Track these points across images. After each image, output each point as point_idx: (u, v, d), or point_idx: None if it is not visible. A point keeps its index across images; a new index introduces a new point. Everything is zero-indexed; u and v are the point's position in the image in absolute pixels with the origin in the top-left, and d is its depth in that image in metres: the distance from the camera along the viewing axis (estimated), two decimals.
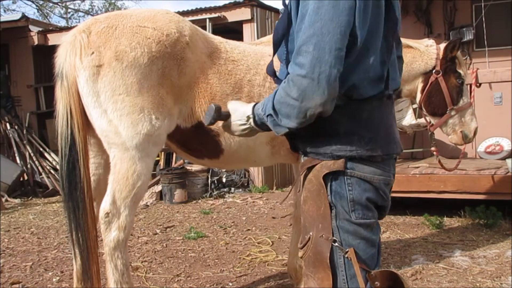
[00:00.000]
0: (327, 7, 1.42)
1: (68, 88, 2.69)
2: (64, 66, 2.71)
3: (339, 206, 1.59)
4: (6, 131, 9.51)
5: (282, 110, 1.52)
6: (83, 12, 22.89)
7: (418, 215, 5.67)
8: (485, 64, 6.64)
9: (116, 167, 2.74)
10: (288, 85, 1.48)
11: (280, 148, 3.33)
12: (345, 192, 1.58)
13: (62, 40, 2.81)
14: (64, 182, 2.73)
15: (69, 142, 2.69)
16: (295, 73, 1.45)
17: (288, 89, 1.48)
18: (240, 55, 3.07)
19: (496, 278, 3.71)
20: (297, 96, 1.45)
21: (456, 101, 3.61)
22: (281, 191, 8.42)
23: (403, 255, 4.36)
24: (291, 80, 1.47)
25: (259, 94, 3.07)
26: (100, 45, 2.67)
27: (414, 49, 3.62)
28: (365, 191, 1.59)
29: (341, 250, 1.56)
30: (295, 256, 3.44)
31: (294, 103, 1.47)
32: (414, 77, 3.63)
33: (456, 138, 3.70)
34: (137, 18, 2.77)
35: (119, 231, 2.75)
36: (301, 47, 1.44)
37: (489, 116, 6.70)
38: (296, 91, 1.45)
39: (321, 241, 1.57)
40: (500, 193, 5.04)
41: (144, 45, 2.68)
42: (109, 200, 2.75)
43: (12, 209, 7.50)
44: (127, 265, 2.85)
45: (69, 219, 2.77)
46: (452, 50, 3.60)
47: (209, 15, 8.78)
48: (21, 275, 4.22)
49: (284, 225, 5.69)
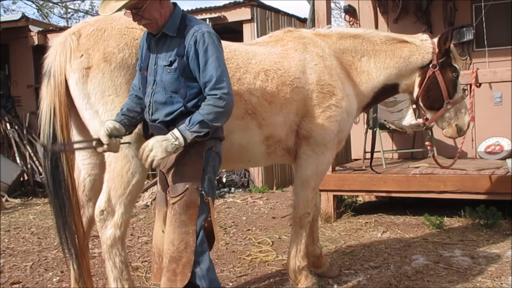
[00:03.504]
0: (221, 56, 2.46)
1: (54, 87, 2.73)
2: (52, 66, 2.76)
3: (207, 169, 2.51)
4: (6, 131, 9.52)
5: (212, 117, 2.38)
6: (83, 12, 22.86)
7: (418, 215, 5.67)
8: (485, 64, 6.62)
9: (111, 165, 2.78)
10: (215, 101, 2.38)
11: (276, 148, 3.33)
12: (210, 161, 2.53)
13: (53, 41, 2.85)
14: (49, 180, 2.75)
15: (51, 140, 2.71)
16: (222, 92, 2.39)
17: (216, 103, 2.38)
18: (230, 54, 3.08)
19: (496, 278, 3.71)
20: (223, 105, 2.40)
21: (452, 94, 3.63)
22: (281, 191, 8.42)
23: (403, 255, 4.36)
24: (220, 97, 2.39)
25: (249, 93, 3.07)
26: (89, 48, 2.71)
27: (410, 44, 3.62)
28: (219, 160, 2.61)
29: (204, 196, 2.47)
30: (295, 256, 3.44)
31: (222, 110, 2.40)
32: (411, 71, 3.63)
33: (451, 132, 3.71)
34: (126, 20, 2.80)
35: (115, 229, 2.76)
36: (220, 78, 2.40)
37: (489, 116, 6.70)
38: (222, 103, 2.39)
39: (195, 191, 2.44)
40: (500, 193, 5.04)
41: (132, 46, 2.72)
42: (104, 198, 2.77)
43: (12, 209, 7.50)
44: (126, 263, 2.86)
45: (56, 218, 2.79)
46: (445, 41, 3.59)
47: (209, 15, 8.79)
48: (21, 275, 4.22)
49: (284, 225, 5.69)
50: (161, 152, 2.37)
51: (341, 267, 4.09)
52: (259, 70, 3.14)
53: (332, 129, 3.33)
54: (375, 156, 6.08)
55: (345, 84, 3.43)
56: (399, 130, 6.51)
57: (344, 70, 3.48)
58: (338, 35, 3.58)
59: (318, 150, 3.34)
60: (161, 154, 2.37)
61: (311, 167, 3.36)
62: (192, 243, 2.41)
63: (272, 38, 3.50)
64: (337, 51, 3.51)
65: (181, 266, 2.40)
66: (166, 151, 2.37)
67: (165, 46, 2.50)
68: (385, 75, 3.58)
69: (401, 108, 7.03)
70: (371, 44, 3.58)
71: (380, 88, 3.61)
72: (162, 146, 2.37)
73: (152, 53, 2.55)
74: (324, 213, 5.71)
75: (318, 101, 3.28)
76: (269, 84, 3.14)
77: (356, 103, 3.52)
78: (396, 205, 6.19)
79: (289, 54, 3.31)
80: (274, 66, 3.20)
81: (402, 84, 3.69)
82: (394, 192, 5.63)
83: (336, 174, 5.85)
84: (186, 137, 2.37)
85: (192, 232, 2.42)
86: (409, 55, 3.60)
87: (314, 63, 3.32)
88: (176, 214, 2.43)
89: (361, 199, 6.71)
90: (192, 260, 2.42)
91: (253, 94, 3.08)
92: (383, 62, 3.57)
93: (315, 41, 3.45)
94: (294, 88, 3.21)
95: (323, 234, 5.12)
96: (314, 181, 3.42)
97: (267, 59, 3.22)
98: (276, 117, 3.18)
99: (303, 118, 3.29)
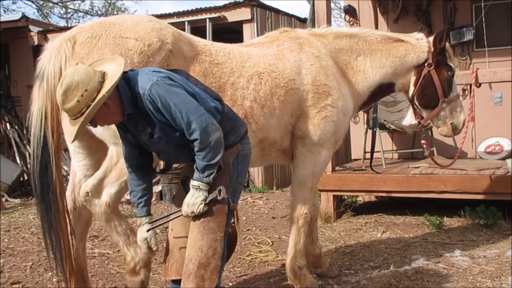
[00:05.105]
0: (177, 97, 2.34)
1: (46, 90, 2.72)
2: (46, 69, 2.75)
3: (234, 175, 2.56)
4: (6, 131, 9.52)
5: (210, 156, 2.37)
6: (83, 12, 22.88)
7: (418, 215, 5.67)
8: (485, 64, 6.62)
9: (112, 158, 2.88)
10: (199, 145, 2.35)
11: (271, 150, 3.33)
12: (238, 166, 2.59)
13: (48, 44, 2.85)
14: (37, 183, 2.75)
15: (41, 143, 2.71)
16: (197, 133, 2.34)
17: (202, 145, 2.35)
18: (224, 57, 3.08)
19: (496, 278, 3.71)
20: (209, 141, 2.36)
21: (447, 93, 3.63)
22: (281, 191, 8.42)
23: (403, 255, 4.36)
24: (200, 140, 2.35)
25: (242, 97, 3.06)
26: (83, 56, 2.72)
27: (406, 43, 3.63)
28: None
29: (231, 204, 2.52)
30: (294, 256, 3.44)
31: (212, 145, 2.36)
32: (407, 70, 3.64)
33: (446, 130, 3.72)
34: (120, 28, 2.79)
35: (106, 206, 2.88)
36: (188, 121, 2.32)
37: (489, 116, 6.70)
38: (206, 141, 2.35)
39: (223, 199, 2.45)
40: (500, 193, 5.04)
41: (126, 57, 2.72)
42: (92, 182, 2.87)
43: (12, 209, 7.50)
44: (129, 228, 2.98)
45: (41, 221, 2.81)
46: (440, 40, 3.60)
47: (209, 15, 8.79)
48: (21, 275, 4.22)
49: (284, 225, 5.69)
50: (197, 206, 2.41)
51: (341, 267, 4.10)
52: (252, 73, 3.13)
53: (328, 129, 3.33)
54: (375, 156, 6.08)
55: (341, 84, 3.43)
56: (399, 130, 6.51)
57: (340, 69, 3.48)
58: (334, 35, 3.58)
59: (314, 150, 3.34)
60: (198, 206, 2.41)
61: (308, 167, 3.36)
62: (220, 250, 2.47)
63: (268, 39, 3.50)
64: (333, 51, 3.51)
65: (209, 272, 2.44)
66: (200, 202, 2.41)
67: (133, 122, 2.46)
68: (381, 74, 3.58)
69: (401, 108, 7.03)
70: (367, 44, 3.58)
71: (376, 87, 3.62)
72: (194, 203, 2.41)
73: (131, 129, 2.51)
74: (324, 213, 5.71)
75: (314, 101, 3.28)
76: (263, 87, 3.13)
77: (352, 102, 3.53)
78: (396, 205, 6.19)
79: (285, 55, 3.30)
80: (268, 68, 3.19)
81: (398, 83, 3.70)
82: (394, 192, 5.63)
83: (336, 174, 5.85)
84: (205, 182, 2.41)
85: (220, 239, 2.47)
86: (405, 54, 3.61)
87: (309, 64, 3.32)
88: (205, 222, 2.45)
89: (361, 199, 6.71)
90: (219, 266, 2.48)
91: (246, 98, 3.08)
92: (379, 61, 3.57)
93: (311, 41, 3.45)
94: (288, 90, 3.21)
95: (323, 234, 5.12)
96: (312, 181, 3.41)
97: (261, 62, 3.21)
98: (270, 120, 3.18)
99: (299, 119, 3.29)
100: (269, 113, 3.16)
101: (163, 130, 2.41)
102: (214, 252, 2.44)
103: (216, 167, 2.41)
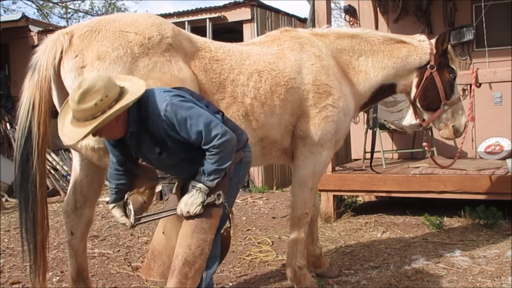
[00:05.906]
0: (193, 110, 2.41)
1: (37, 81, 2.70)
2: (39, 60, 2.73)
3: (233, 181, 2.62)
4: (6, 131, 9.53)
5: (221, 161, 2.42)
6: (83, 12, 22.87)
7: (418, 215, 5.67)
8: (485, 64, 6.62)
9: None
10: (215, 150, 2.41)
11: (272, 149, 3.33)
12: (239, 172, 2.67)
13: (46, 39, 2.85)
14: (17, 173, 2.75)
15: (25, 134, 2.69)
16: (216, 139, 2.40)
17: (217, 151, 2.41)
18: (224, 54, 3.08)
19: (496, 278, 3.71)
20: (224, 148, 2.42)
21: (449, 95, 3.63)
22: (281, 191, 8.42)
23: (403, 255, 4.36)
24: (217, 146, 2.40)
25: (243, 94, 3.06)
26: (83, 49, 2.70)
27: (408, 44, 3.63)
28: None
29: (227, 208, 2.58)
30: (294, 256, 3.44)
31: (226, 152, 2.43)
32: (409, 71, 3.63)
33: (447, 133, 3.72)
34: (120, 23, 2.79)
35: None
36: (207, 127, 2.38)
37: (489, 116, 6.70)
38: (222, 147, 2.41)
39: (222, 203, 2.50)
40: (500, 193, 5.04)
41: (126, 47, 2.71)
42: None
43: (12, 209, 7.50)
44: None
45: (20, 211, 2.77)
46: (442, 42, 3.60)
47: (209, 15, 8.79)
48: (21, 275, 4.22)
49: (284, 225, 5.69)
50: (195, 207, 2.44)
51: (341, 267, 4.09)
52: (252, 71, 3.13)
53: (329, 129, 3.33)
54: (375, 156, 6.08)
55: (342, 84, 3.42)
56: (399, 130, 6.51)
57: (341, 70, 3.48)
58: (336, 35, 3.57)
59: (315, 150, 3.34)
60: (195, 208, 2.44)
61: (309, 167, 3.36)
62: (207, 251, 2.49)
63: (269, 38, 3.50)
64: (335, 50, 3.51)
65: (193, 271, 2.45)
66: (198, 204, 2.45)
67: (135, 139, 2.50)
68: (382, 75, 3.58)
69: (401, 108, 7.03)
70: (369, 44, 3.58)
71: (378, 88, 3.61)
72: (192, 203, 2.45)
73: (130, 144, 2.55)
74: (324, 213, 5.71)
75: (315, 101, 3.27)
76: (263, 85, 3.13)
77: (353, 103, 3.52)
78: (396, 205, 6.19)
79: (285, 54, 3.30)
80: (268, 66, 3.19)
81: (400, 84, 3.70)
82: (394, 192, 5.63)
83: (336, 174, 5.85)
84: (208, 186, 2.45)
85: (209, 240, 2.48)
86: (407, 55, 3.60)
87: (310, 63, 3.32)
88: (198, 221, 2.47)
89: (361, 199, 6.71)
90: (204, 267, 2.50)
91: (247, 96, 3.08)
92: (381, 62, 3.57)
93: (312, 41, 3.44)
94: (289, 89, 3.21)
95: (323, 234, 5.12)
96: (312, 181, 3.41)
97: (261, 60, 3.21)
98: (270, 118, 3.17)
99: (299, 119, 3.29)
100: (269, 111, 3.15)
101: (173, 147, 2.47)
102: (201, 252, 2.46)
103: (223, 174, 2.47)
